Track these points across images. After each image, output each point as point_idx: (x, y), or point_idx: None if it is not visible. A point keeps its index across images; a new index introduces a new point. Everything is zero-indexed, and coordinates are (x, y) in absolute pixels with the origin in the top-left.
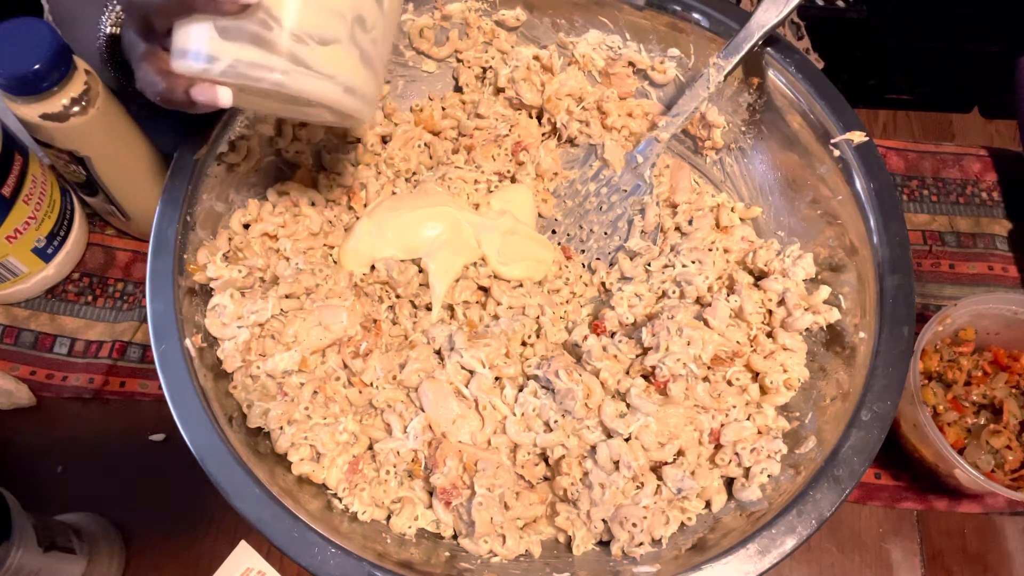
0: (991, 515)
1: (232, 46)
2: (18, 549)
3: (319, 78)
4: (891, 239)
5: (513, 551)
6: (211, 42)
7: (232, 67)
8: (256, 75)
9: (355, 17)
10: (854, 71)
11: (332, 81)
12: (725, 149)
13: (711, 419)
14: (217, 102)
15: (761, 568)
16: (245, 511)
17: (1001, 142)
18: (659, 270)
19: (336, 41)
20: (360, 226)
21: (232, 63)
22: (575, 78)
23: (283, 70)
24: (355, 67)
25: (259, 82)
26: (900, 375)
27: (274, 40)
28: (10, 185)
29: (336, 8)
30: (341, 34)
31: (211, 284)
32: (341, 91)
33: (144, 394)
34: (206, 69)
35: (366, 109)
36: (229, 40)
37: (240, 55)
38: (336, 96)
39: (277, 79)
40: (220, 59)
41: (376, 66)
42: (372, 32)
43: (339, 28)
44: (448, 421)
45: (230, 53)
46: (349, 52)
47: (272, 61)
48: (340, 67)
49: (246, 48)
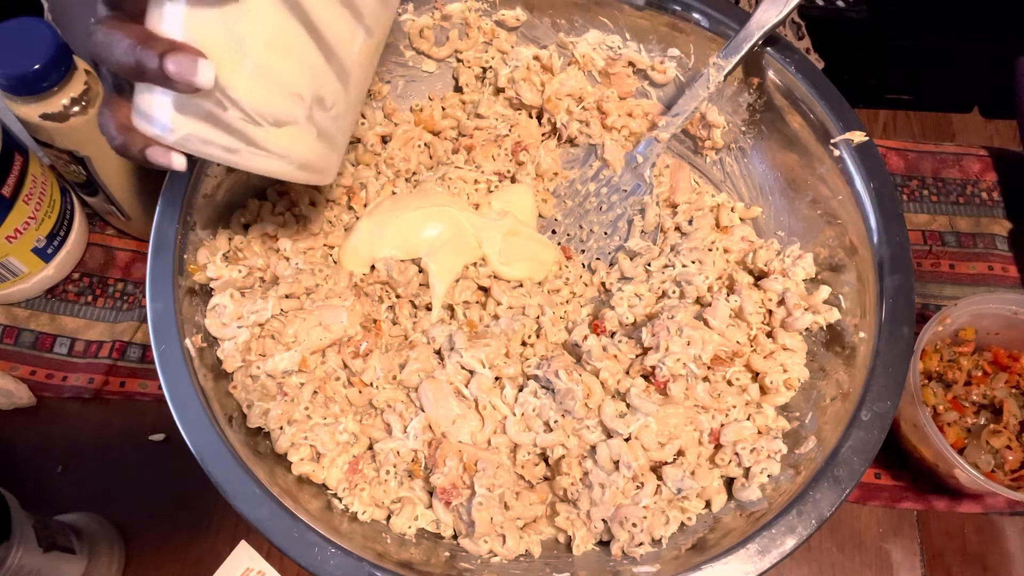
0: (991, 515)
1: (187, 120)
2: (18, 549)
3: (271, 157)
4: (891, 239)
5: (513, 551)
6: (167, 112)
7: (185, 139)
8: (208, 151)
9: (314, 98)
10: (854, 71)
11: (285, 160)
12: (725, 149)
13: (711, 419)
14: (172, 166)
15: (761, 568)
16: (245, 511)
17: (1001, 142)
18: (659, 270)
19: (292, 123)
20: (360, 226)
21: (186, 136)
22: (575, 78)
23: (234, 149)
24: (310, 146)
25: (210, 157)
26: (900, 375)
27: (227, 120)
28: (10, 185)
29: (293, 91)
30: (298, 115)
31: (211, 284)
32: (294, 168)
33: (144, 394)
34: (161, 136)
35: (324, 178)
36: (184, 114)
37: (194, 130)
38: (288, 172)
39: (228, 158)
40: (175, 130)
41: (337, 140)
42: (332, 110)
43: (295, 110)
44: (448, 421)
45: (184, 127)
46: (306, 131)
47: (224, 140)
48: (294, 147)
49: (200, 124)
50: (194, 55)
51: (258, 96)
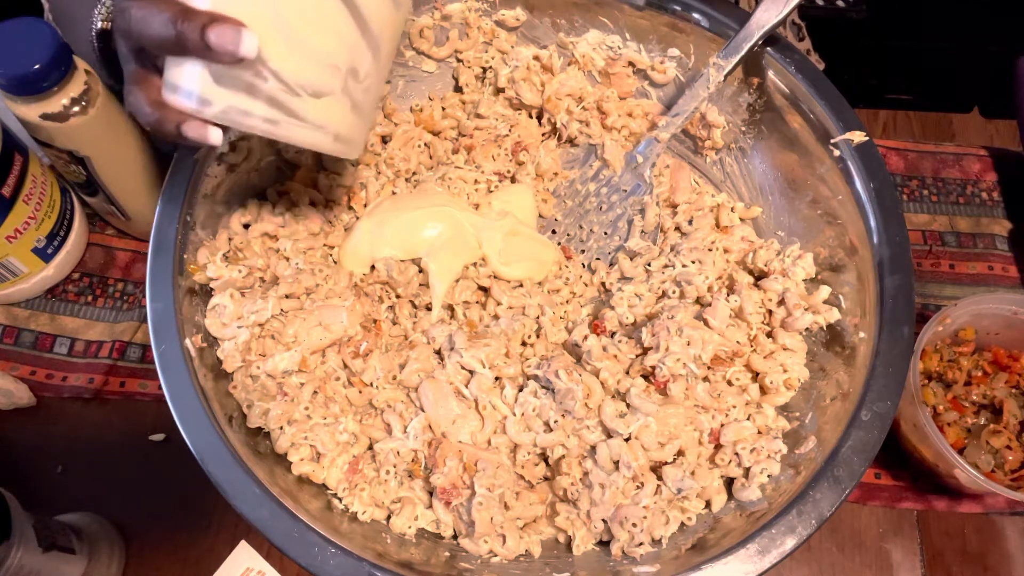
0: (991, 515)
1: (225, 92)
2: (18, 549)
3: (308, 128)
4: (891, 239)
5: (513, 551)
6: (204, 85)
7: (224, 112)
8: (247, 123)
9: (349, 69)
10: (854, 71)
11: (321, 131)
12: (725, 149)
13: (711, 419)
14: (207, 140)
15: (761, 568)
16: (245, 511)
17: (1001, 142)
18: (659, 270)
19: (329, 93)
20: (360, 226)
21: (224, 108)
22: (575, 78)
23: (274, 120)
24: (345, 116)
25: (250, 129)
26: (900, 375)
27: (267, 91)
28: (10, 185)
29: (332, 61)
30: (335, 86)
31: (211, 284)
32: (330, 139)
33: (144, 394)
34: (198, 110)
35: (354, 151)
36: (223, 86)
37: (232, 102)
38: (324, 143)
39: (268, 128)
40: (213, 103)
41: (366, 112)
42: (365, 82)
43: (332, 80)
44: (448, 421)
45: (223, 99)
46: (340, 102)
47: (264, 111)
48: (330, 117)
49: (238, 96)
50: (236, 25)
51: (297, 66)
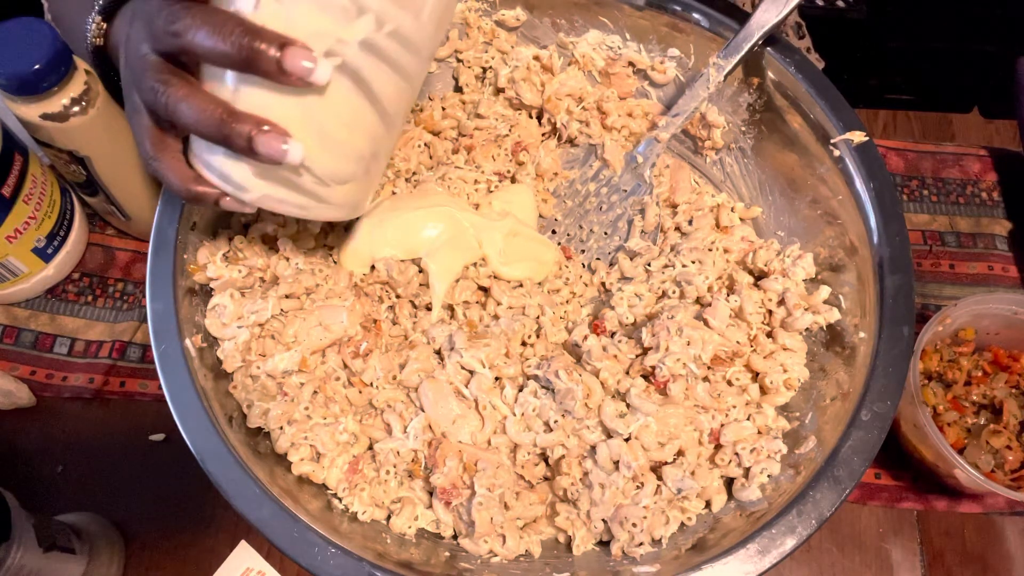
0: (991, 515)
1: (264, 184)
2: (18, 549)
3: (334, 208)
4: (891, 239)
5: (513, 551)
6: (246, 177)
7: (261, 200)
8: (282, 209)
9: (372, 154)
10: (854, 71)
11: (344, 209)
12: (725, 149)
13: (711, 419)
14: (244, 211)
15: (761, 568)
16: (245, 511)
17: (1001, 142)
18: (659, 270)
19: (354, 179)
20: (360, 226)
21: (260, 197)
22: (575, 78)
23: (304, 207)
24: (364, 192)
25: (282, 212)
26: (900, 375)
27: (300, 184)
28: (10, 185)
29: (359, 154)
30: (359, 172)
31: (211, 284)
32: (347, 212)
33: (144, 394)
34: (237, 195)
35: (361, 211)
36: (262, 179)
37: (268, 191)
38: (343, 216)
39: (298, 213)
40: (252, 191)
41: (376, 178)
42: (382, 159)
43: (358, 168)
44: (448, 421)
45: (261, 189)
46: (363, 182)
47: (297, 199)
48: (352, 197)
49: (276, 187)
50: (283, 134)
51: (329, 163)
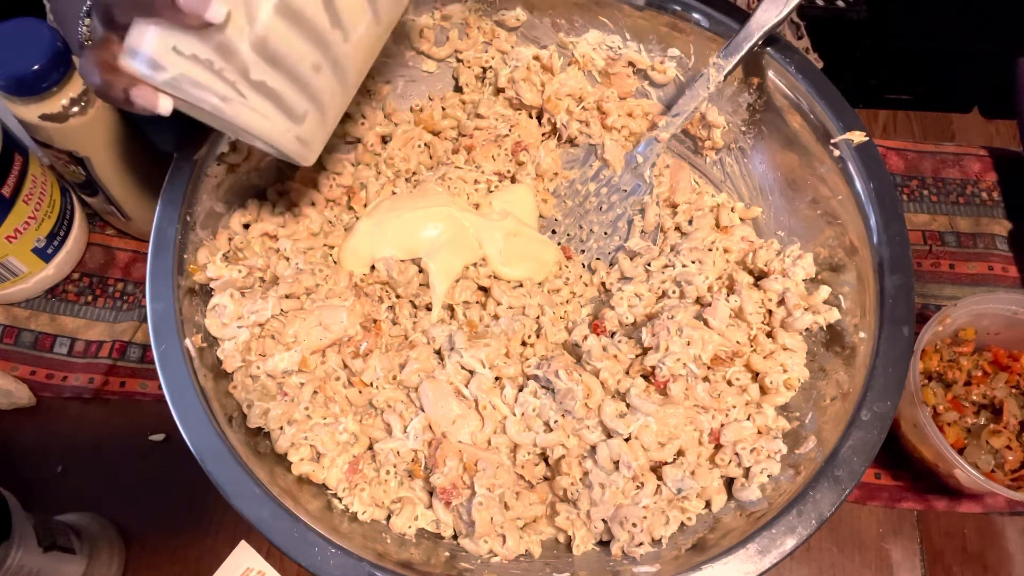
0: (991, 515)
1: (182, 61)
2: (18, 549)
3: (259, 116)
4: (891, 239)
5: (513, 551)
6: (162, 51)
7: (175, 81)
8: (199, 96)
9: (313, 64)
10: (854, 71)
11: (270, 121)
12: (725, 149)
13: (711, 419)
14: (155, 109)
15: (761, 568)
16: (245, 511)
17: (1001, 142)
18: (659, 270)
19: (285, 92)
20: (360, 226)
21: (176, 77)
22: (575, 78)
23: (225, 98)
24: (301, 113)
25: (200, 103)
26: (900, 375)
27: (224, 69)
28: (10, 185)
29: (297, 54)
30: (295, 78)
31: (211, 284)
32: (280, 133)
33: (144, 394)
34: (149, 76)
35: (306, 154)
36: (181, 54)
37: (187, 72)
38: (274, 136)
39: (218, 106)
40: (166, 70)
41: (326, 116)
42: (328, 84)
43: (293, 72)
44: (448, 421)
45: (178, 67)
46: (298, 97)
47: (217, 87)
48: (285, 110)
49: (195, 67)
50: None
51: (258, 50)
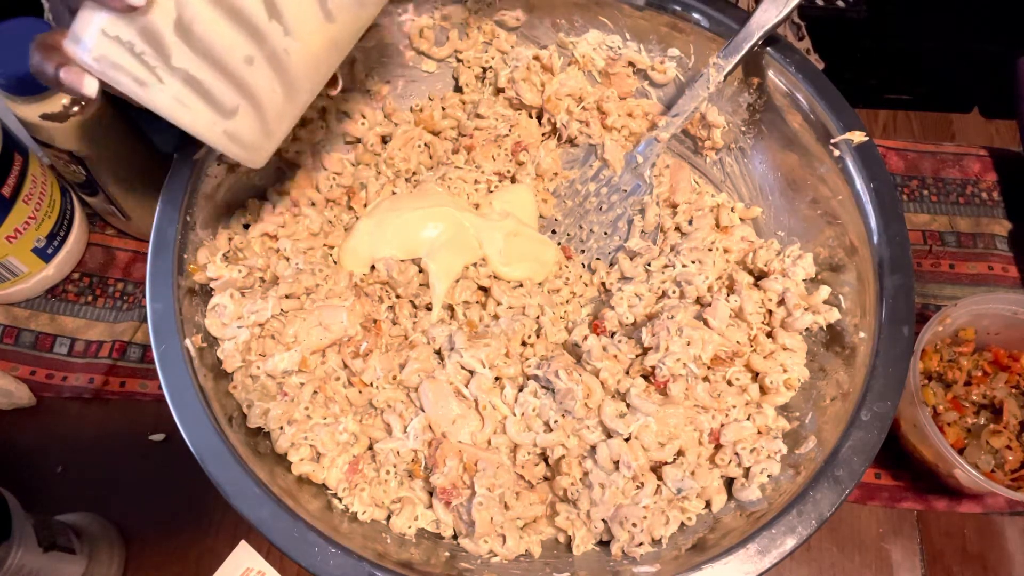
0: (991, 515)
1: (107, 43)
2: (18, 549)
3: (178, 104)
4: (891, 239)
5: (513, 551)
6: (91, 32)
7: (99, 60)
8: (115, 77)
9: (245, 56)
10: (854, 71)
11: (191, 111)
12: (725, 149)
13: (711, 419)
14: (80, 88)
15: (761, 568)
16: (245, 511)
17: (1001, 142)
18: (659, 270)
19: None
20: (360, 226)
21: (98, 57)
22: (575, 78)
23: (142, 82)
24: (230, 106)
25: (117, 85)
26: (900, 375)
27: (145, 53)
28: (10, 185)
29: (224, 41)
30: (223, 69)
31: (211, 284)
32: (203, 124)
33: (144, 394)
34: (76, 53)
35: (244, 154)
36: (108, 37)
37: (108, 53)
38: (195, 127)
39: (133, 89)
40: (91, 50)
41: (263, 113)
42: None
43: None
44: (448, 421)
45: (101, 48)
46: (227, 89)
47: (136, 70)
48: (210, 101)
49: (116, 49)
50: None
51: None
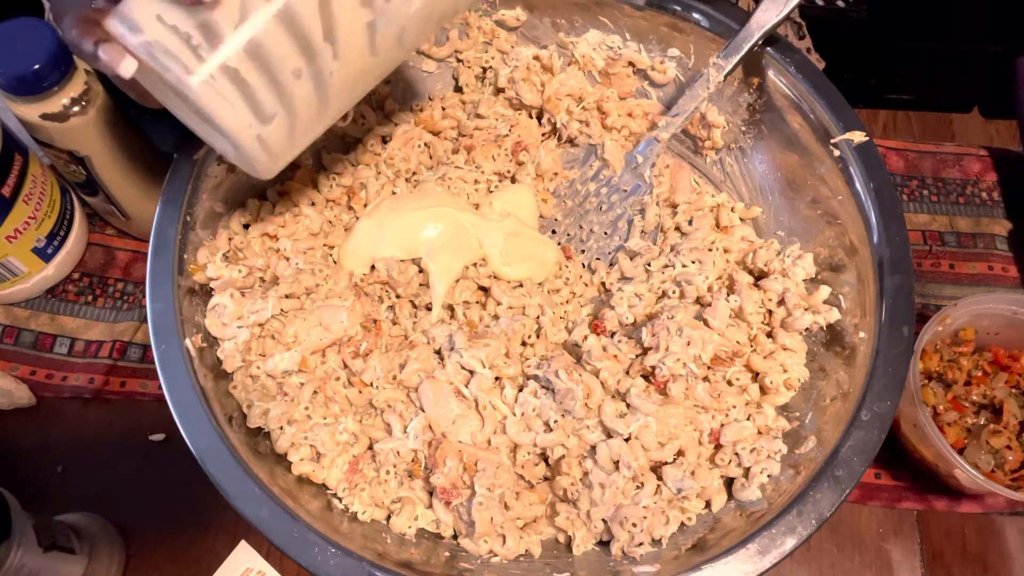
0: (991, 515)
1: (161, 28)
2: (18, 549)
3: (222, 100)
4: (891, 239)
5: (513, 551)
6: (145, 16)
7: (148, 46)
8: (166, 63)
9: (294, 69)
10: (854, 71)
11: (234, 110)
12: (725, 149)
13: (711, 419)
14: (117, 68)
15: (761, 568)
16: (245, 511)
17: (1001, 142)
18: (659, 270)
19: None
20: (360, 226)
21: (150, 42)
22: (575, 78)
23: (193, 72)
24: (269, 113)
25: (165, 74)
26: (900, 375)
27: (201, 47)
28: (10, 185)
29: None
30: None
31: (211, 284)
32: (240, 125)
33: (144, 394)
34: (125, 35)
35: (265, 161)
36: (162, 22)
37: (163, 39)
38: (231, 126)
39: (181, 78)
40: (143, 33)
41: (295, 126)
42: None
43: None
44: (448, 421)
45: (155, 33)
46: (271, 97)
47: (188, 60)
48: (252, 104)
49: (172, 37)
50: None
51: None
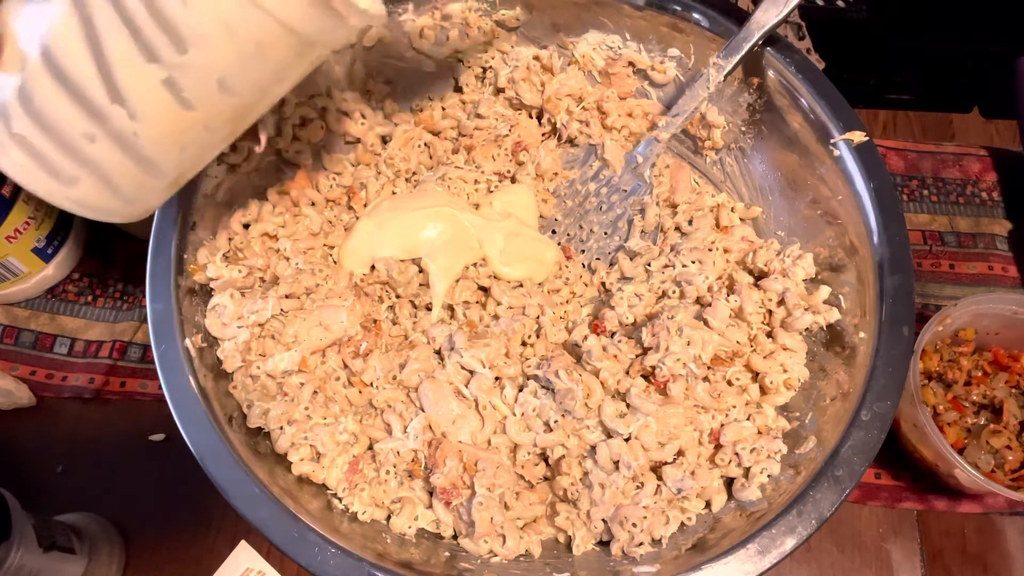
0: (991, 515)
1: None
2: (18, 549)
3: (17, 166)
4: (891, 239)
5: (513, 551)
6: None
7: None
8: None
9: (84, 133)
10: (854, 71)
11: (32, 175)
12: (725, 149)
13: (711, 419)
14: None
15: (761, 568)
16: (245, 511)
17: (1001, 142)
18: (659, 270)
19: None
20: (360, 226)
21: None
22: (575, 78)
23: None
24: (70, 176)
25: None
26: (900, 375)
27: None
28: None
29: (61, 115)
30: (62, 141)
31: (211, 284)
32: (46, 190)
33: (144, 394)
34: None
35: (105, 215)
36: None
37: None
38: (37, 190)
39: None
40: None
41: (114, 185)
42: (107, 153)
43: (60, 135)
44: (448, 421)
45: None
46: (67, 161)
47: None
48: (48, 170)
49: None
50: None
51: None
